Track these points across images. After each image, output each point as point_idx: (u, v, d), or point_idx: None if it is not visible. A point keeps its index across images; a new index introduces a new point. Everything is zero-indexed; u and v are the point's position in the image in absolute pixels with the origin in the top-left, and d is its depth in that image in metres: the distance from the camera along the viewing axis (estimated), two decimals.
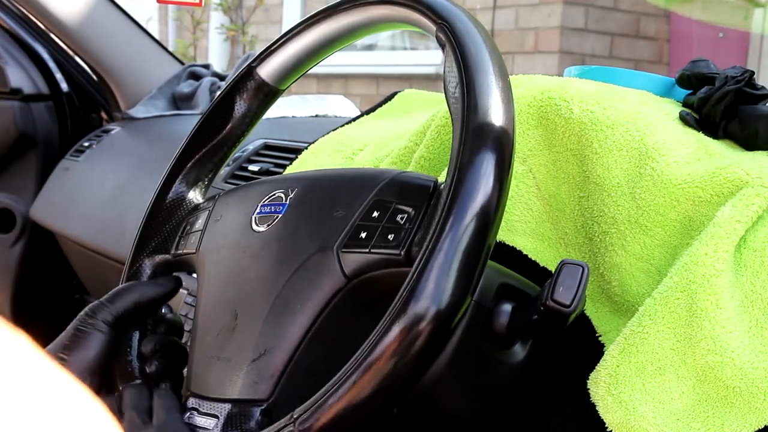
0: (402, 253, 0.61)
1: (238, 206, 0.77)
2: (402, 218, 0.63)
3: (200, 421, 0.67)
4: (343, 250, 0.65)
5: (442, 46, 0.65)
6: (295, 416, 0.57)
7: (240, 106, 0.81)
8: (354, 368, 0.55)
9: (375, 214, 0.65)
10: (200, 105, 1.90)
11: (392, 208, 0.64)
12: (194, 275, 0.78)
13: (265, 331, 0.66)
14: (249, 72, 0.81)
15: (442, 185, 0.62)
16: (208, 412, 0.67)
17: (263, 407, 0.64)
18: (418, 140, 0.87)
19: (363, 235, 0.64)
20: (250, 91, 0.81)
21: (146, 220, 0.82)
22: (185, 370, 0.74)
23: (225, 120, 0.81)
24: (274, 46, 0.79)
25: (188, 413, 0.68)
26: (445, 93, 0.63)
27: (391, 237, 0.63)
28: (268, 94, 0.82)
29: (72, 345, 0.71)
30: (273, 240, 0.70)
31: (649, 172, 0.70)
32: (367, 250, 0.64)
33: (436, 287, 0.54)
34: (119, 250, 1.54)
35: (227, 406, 0.66)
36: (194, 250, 0.77)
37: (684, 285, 0.65)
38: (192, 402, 0.69)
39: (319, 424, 0.56)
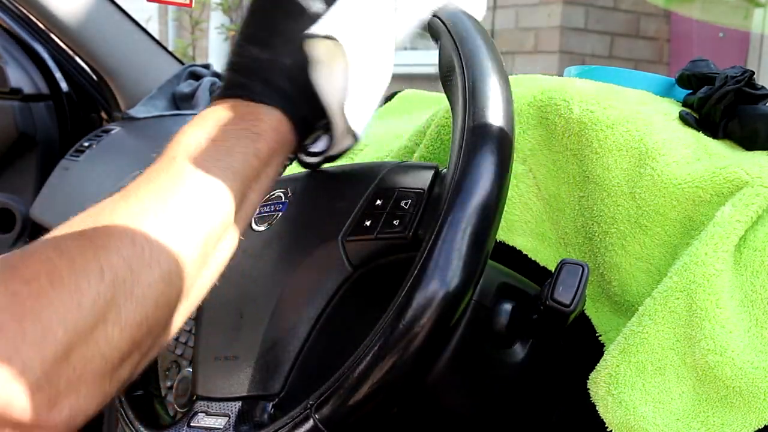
0: (409, 235, 0.62)
1: None
2: (406, 203, 0.63)
3: (211, 421, 0.67)
4: (348, 239, 0.65)
5: (436, 39, 0.65)
6: (310, 403, 0.57)
7: None
8: (373, 346, 0.55)
9: (378, 202, 0.65)
10: (200, 105, 1.90)
11: (395, 194, 0.65)
12: None
13: (272, 327, 0.66)
14: None
15: (444, 171, 0.63)
16: (218, 412, 0.67)
17: (275, 401, 0.64)
18: (418, 140, 0.87)
19: (367, 223, 0.65)
20: None
21: None
22: (190, 372, 0.74)
23: None
24: None
25: (197, 416, 0.68)
26: (442, 82, 0.64)
27: (396, 222, 0.63)
28: None
29: None
30: (275, 238, 0.70)
31: (649, 172, 0.70)
32: (373, 237, 0.64)
33: (447, 262, 0.55)
34: None
35: (238, 404, 0.66)
36: None
37: (684, 285, 0.65)
38: (200, 405, 0.69)
39: (337, 409, 0.56)
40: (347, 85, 0.61)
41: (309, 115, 0.63)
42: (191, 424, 0.68)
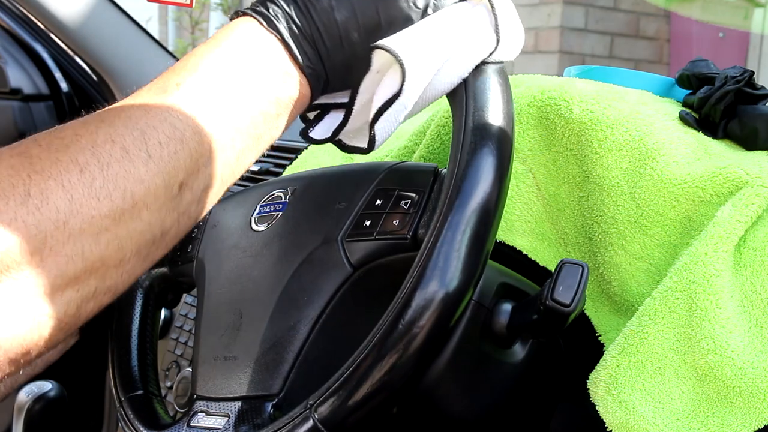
0: (408, 236, 0.62)
1: (236, 210, 0.77)
2: (406, 204, 0.63)
3: (210, 421, 0.67)
4: (348, 239, 0.65)
5: None
6: (310, 403, 0.57)
7: None
8: (372, 346, 0.55)
9: (378, 202, 0.65)
10: None
11: (395, 195, 0.65)
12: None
13: (272, 327, 0.66)
14: None
15: (444, 171, 0.63)
16: (218, 412, 0.67)
17: (274, 402, 0.64)
18: (417, 140, 0.87)
19: (367, 223, 0.65)
20: None
21: None
22: (190, 371, 0.74)
23: None
24: None
25: (197, 416, 0.68)
26: None
27: (396, 222, 0.63)
28: None
29: None
30: (274, 238, 0.71)
31: (649, 171, 0.71)
32: (372, 237, 0.64)
33: (447, 263, 0.55)
34: None
35: (237, 404, 0.66)
36: (192, 259, 0.77)
37: (684, 285, 0.65)
38: (200, 405, 0.69)
39: (336, 409, 0.56)
40: (385, 95, 0.59)
41: (326, 87, 0.58)
42: (191, 424, 0.68)
